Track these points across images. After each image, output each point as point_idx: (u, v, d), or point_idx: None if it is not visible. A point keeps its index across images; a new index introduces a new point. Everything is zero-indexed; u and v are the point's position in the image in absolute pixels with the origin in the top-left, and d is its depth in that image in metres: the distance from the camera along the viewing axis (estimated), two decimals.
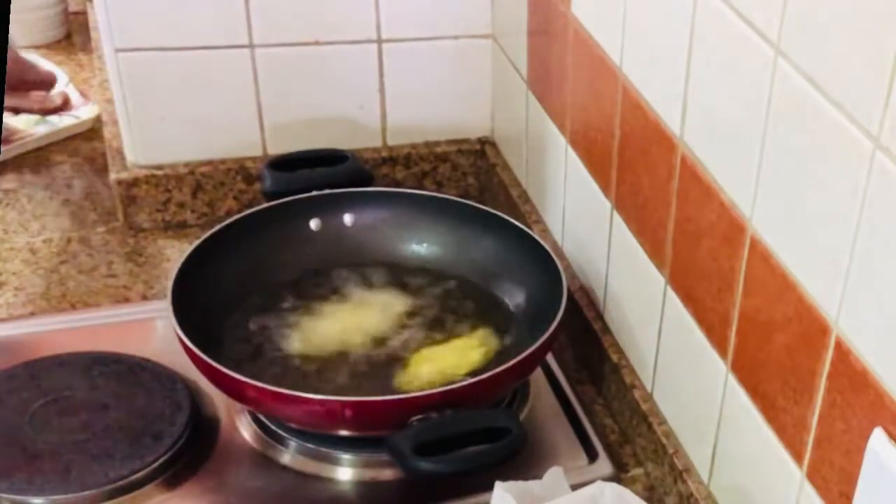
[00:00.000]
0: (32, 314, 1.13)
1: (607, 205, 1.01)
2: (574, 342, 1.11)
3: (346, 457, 0.96)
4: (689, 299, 0.88)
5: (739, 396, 0.82)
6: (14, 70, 1.25)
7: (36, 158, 1.39)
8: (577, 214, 1.11)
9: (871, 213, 0.63)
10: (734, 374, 0.82)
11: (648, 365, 0.97)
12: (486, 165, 1.34)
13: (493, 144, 1.35)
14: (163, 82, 1.22)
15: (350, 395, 0.97)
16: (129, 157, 1.26)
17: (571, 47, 1.05)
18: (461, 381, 0.96)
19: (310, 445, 0.97)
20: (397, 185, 1.32)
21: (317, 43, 1.25)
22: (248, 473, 0.96)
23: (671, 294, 0.91)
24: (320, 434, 0.97)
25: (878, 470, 0.64)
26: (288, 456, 0.97)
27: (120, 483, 0.92)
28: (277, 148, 1.28)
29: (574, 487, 0.84)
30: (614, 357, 1.03)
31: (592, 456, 0.98)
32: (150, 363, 1.04)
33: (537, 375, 1.05)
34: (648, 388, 0.98)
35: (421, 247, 1.15)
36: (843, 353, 0.68)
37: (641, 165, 0.93)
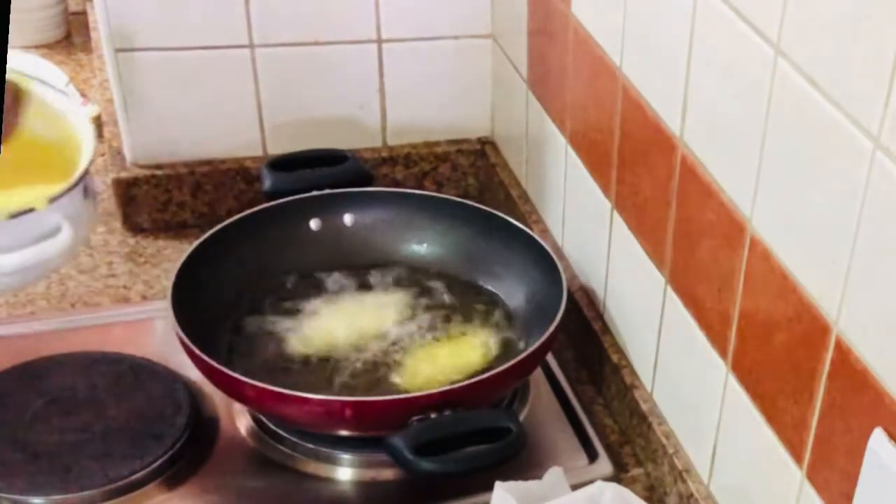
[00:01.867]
0: (32, 314, 1.13)
1: (607, 205, 1.01)
2: (574, 342, 1.11)
3: (346, 457, 0.96)
4: (689, 299, 0.88)
5: (739, 396, 0.82)
6: None
7: None
8: (577, 214, 1.11)
9: (871, 213, 0.63)
10: (734, 374, 0.82)
11: (648, 365, 0.97)
12: (486, 165, 1.34)
13: (493, 144, 1.35)
14: (163, 82, 1.22)
15: (350, 395, 0.97)
16: (129, 157, 1.26)
17: (571, 47, 1.05)
18: (461, 381, 0.96)
19: (310, 445, 0.97)
20: (397, 185, 1.32)
21: (317, 43, 1.25)
22: (248, 473, 0.96)
23: (671, 294, 0.91)
24: (320, 434, 0.97)
25: (878, 470, 0.64)
26: (288, 456, 0.97)
27: (120, 483, 0.92)
28: (277, 148, 1.28)
29: (574, 487, 0.84)
30: (614, 357, 1.03)
31: (592, 456, 0.98)
32: (150, 363, 1.04)
33: (537, 375, 1.05)
34: (648, 388, 0.98)
35: (421, 247, 1.15)
36: (843, 353, 0.68)
37: (641, 165, 0.93)
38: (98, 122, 1.41)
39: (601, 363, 1.05)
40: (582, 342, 1.09)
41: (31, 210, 0.86)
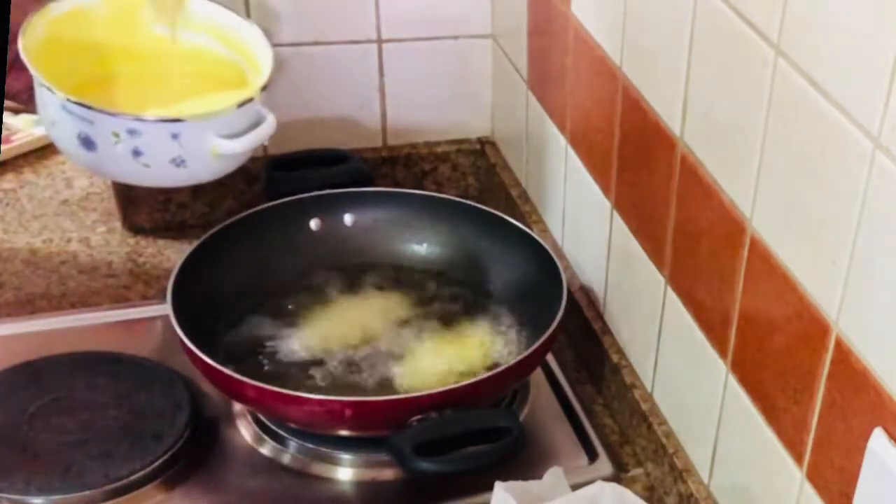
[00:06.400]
0: (32, 314, 1.13)
1: (607, 205, 1.01)
2: (574, 342, 1.11)
3: (346, 457, 0.96)
4: (689, 299, 0.88)
5: (739, 396, 0.82)
6: None
7: (36, 158, 1.39)
8: (577, 214, 1.11)
9: (871, 213, 0.63)
10: (734, 374, 0.82)
11: (648, 365, 0.97)
12: (486, 165, 1.34)
13: (493, 144, 1.35)
14: None
15: (350, 395, 0.97)
16: None
17: (571, 47, 1.05)
18: (461, 381, 0.96)
19: (310, 445, 0.97)
20: (397, 185, 1.32)
21: (317, 43, 1.25)
22: (248, 473, 0.96)
23: (671, 294, 0.91)
24: (320, 434, 0.97)
25: (878, 470, 0.64)
26: (288, 456, 0.97)
27: (120, 483, 0.92)
28: (277, 148, 1.27)
29: (574, 487, 0.84)
30: (614, 357, 1.03)
31: (592, 456, 0.98)
32: (150, 363, 1.04)
33: (537, 375, 1.05)
34: (648, 388, 0.98)
35: (421, 247, 1.15)
36: (843, 353, 0.68)
37: (641, 165, 0.93)
38: None
39: (601, 363, 1.05)
40: (582, 342, 1.09)
41: (251, 99, 1.03)
